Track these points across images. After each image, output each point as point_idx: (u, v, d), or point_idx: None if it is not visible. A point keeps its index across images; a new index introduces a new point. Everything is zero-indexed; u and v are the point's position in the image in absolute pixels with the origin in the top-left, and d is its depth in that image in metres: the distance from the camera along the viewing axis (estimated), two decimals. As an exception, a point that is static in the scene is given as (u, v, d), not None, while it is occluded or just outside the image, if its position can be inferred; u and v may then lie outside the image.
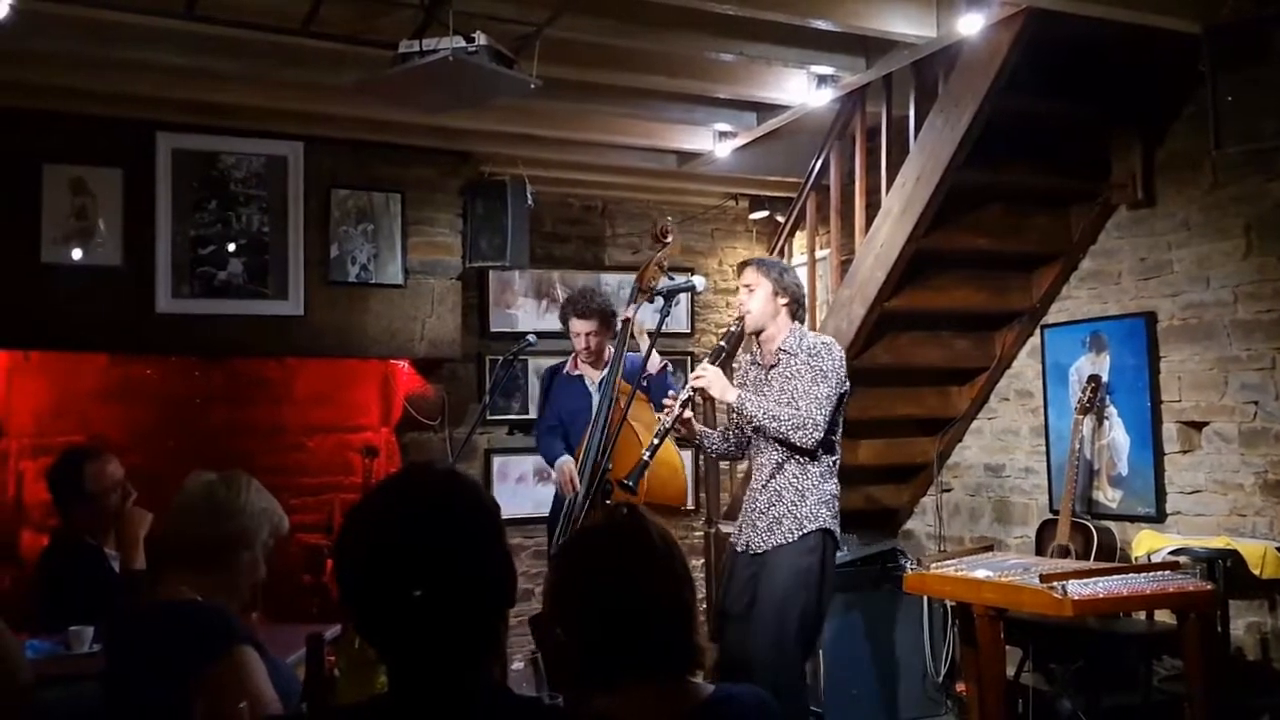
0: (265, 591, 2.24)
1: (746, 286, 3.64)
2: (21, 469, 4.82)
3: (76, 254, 4.68)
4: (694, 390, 3.53)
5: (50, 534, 3.82)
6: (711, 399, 3.86)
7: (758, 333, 3.65)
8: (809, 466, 3.54)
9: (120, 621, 2.36)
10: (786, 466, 3.56)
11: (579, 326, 4.39)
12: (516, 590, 1.45)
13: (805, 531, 3.49)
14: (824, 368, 3.49)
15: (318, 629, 2.19)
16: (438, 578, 1.35)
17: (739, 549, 3.66)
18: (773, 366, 3.61)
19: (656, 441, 3.43)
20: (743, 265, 3.75)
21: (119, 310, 4.74)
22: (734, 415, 3.75)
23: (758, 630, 3.47)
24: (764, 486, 3.60)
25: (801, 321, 3.69)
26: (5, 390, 4.85)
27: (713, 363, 3.59)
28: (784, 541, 3.51)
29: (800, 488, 3.53)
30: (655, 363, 4.19)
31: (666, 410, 3.53)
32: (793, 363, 3.55)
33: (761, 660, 3.44)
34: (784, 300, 3.59)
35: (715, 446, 3.84)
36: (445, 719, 1.32)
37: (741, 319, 3.63)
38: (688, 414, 3.57)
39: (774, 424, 3.46)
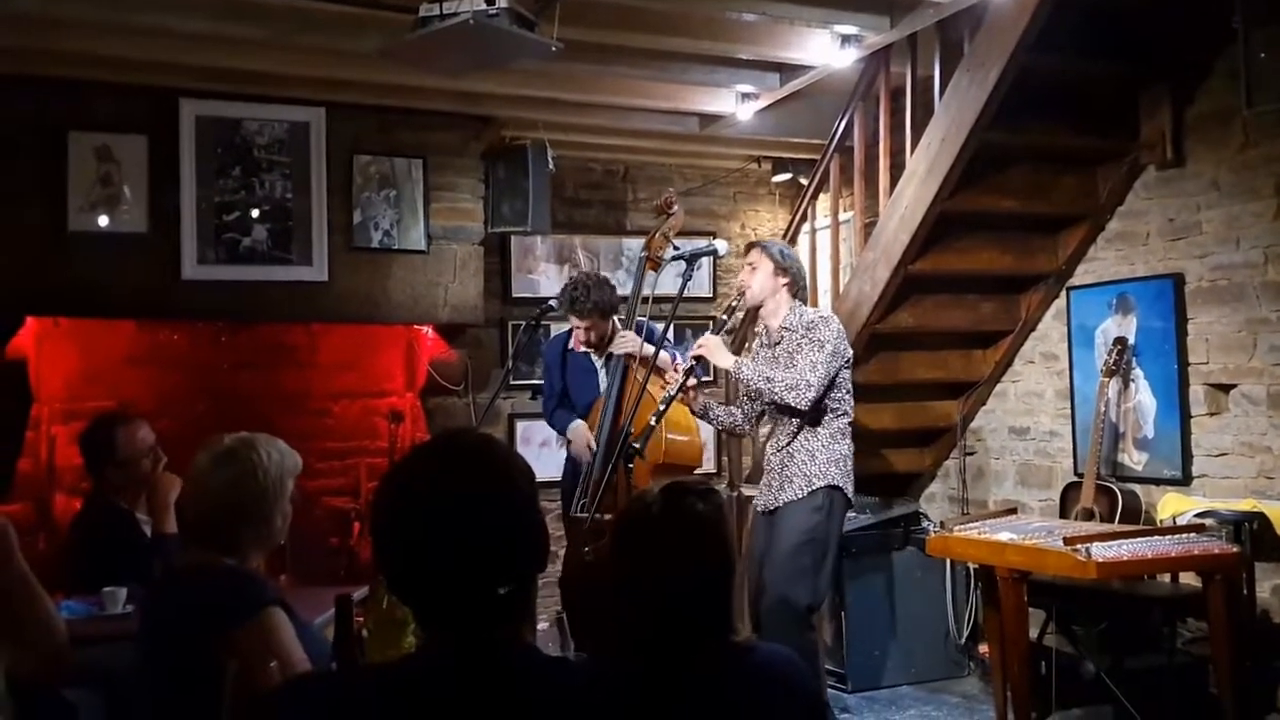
0: (293, 554, 2.27)
1: (749, 265, 3.89)
2: (54, 434, 4.88)
3: (103, 221, 4.71)
4: (694, 359, 3.73)
5: (82, 498, 3.89)
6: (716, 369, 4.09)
7: (758, 307, 3.91)
8: (819, 430, 3.75)
9: (153, 585, 2.40)
10: (801, 432, 3.77)
11: (576, 323, 4.42)
12: (549, 554, 1.46)
13: (814, 488, 3.68)
14: (820, 337, 3.70)
15: (345, 590, 2.22)
16: (473, 541, 1.37)
17: (759, 509, 3.89)
18: (777, 344, 3.83)
19: (662, 408, 3.60)
20: (749, 246, 4.01)
21: (145, 277, 4.77)
22: (741, 386, 3.99)
23: (765, 587, 3.62)
24: (779, 450, 3.83)
25: (803, 301, 3.93)
26: (36, 356, 4.90)
27: (714, 334, 3.87)
28: (793, 498, 3.71)
29: (811, 449, 3.74)
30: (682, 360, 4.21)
31: (670, 380, 3.71)
32: (793, 338, 3.78)
33: (768, 615, 3.53)
34: (784, 280, 3.83)
35: (721, 419, 4.02)
36: (476, 678, 1.35)
37: (742, 294, 3.89)
38: (691, 382, 3.74)
39: (768, 385, 3.69)
